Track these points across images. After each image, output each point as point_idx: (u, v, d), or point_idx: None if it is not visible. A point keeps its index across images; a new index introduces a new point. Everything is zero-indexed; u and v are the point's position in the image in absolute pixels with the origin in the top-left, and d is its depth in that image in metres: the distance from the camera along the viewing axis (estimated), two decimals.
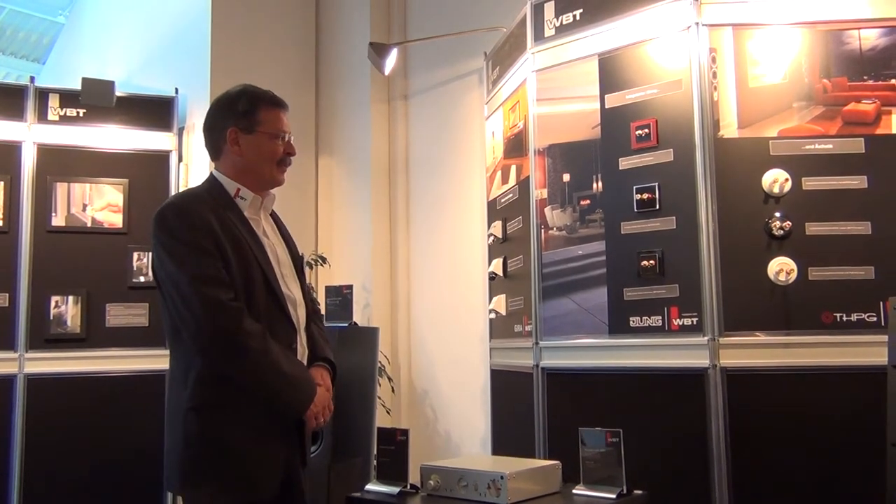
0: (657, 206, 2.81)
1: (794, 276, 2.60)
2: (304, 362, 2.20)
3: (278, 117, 2.20)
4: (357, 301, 4.43)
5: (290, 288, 2.19)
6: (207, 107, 2.31)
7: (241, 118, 2.19)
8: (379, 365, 3.92)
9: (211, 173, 2.24)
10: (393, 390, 4.42)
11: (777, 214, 2.65)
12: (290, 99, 2.28)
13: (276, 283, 2.11)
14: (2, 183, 4.14)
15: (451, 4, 4.49)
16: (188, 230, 2.03)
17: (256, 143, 2.18)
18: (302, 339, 2.20)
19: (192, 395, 2.03)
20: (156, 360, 4.27)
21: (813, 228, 2.65)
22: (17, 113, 4.24)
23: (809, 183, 2.68)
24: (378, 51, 4.24)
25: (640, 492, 2.39)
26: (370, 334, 3.79)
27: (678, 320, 2.73)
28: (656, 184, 2.82)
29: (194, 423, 2.03)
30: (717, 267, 2.66)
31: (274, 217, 2.32)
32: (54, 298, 4.17)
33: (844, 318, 2.60)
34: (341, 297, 3.83)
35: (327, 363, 2.26)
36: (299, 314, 2.20)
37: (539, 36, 3.28)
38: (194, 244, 2.01)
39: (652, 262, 2.80)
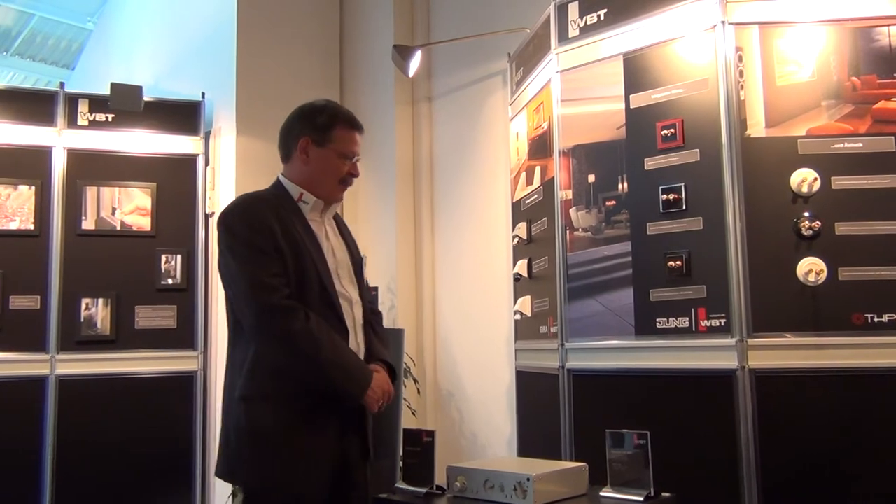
0: (684, 207, 2.79)
1: (823, 276, 2.57)
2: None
3: (352, 138, 2.33)
4: (382, 302, 4.44)
5: (346, 288, 2.28)
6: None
7: (317, 130, 2.30)
8: (404, 366, 3.92)
9: (278, 177, 2.35)
10: (419, 392, 4.41)
11: (806, 214, 2.61)
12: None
13: (330, 282, 2.20)
14: (33, 187, 4.20)
15: (474, 6, 4.49)
16: (248, 230, 2.14)
17: (324, 158, 2.30)
18: (357, 337, 2.28)
19: (243, 384, 2.13)
20: (183, 362, 4.32)
21: (843, 228, 2.61)
22: (47, 118, 4.31)
23: (839, 182, 2.63)
24: (402, 53, 4.24)
25: (668, 494, 2.37)
26: (395, 336, 3.78)
27: (706, 321, 2.70)
28: (683, 184, 2.79)
29: (241, 413, 2.11)
30: (745, 267, 2.63)
31: (337, 220, 2.44)
32: (84, 301, 4.22)
33: (875, 320, 2.55)
34: None
35: (384, 364, 2.32)
36: (355, 313, 2.29)
37: (563, 36, 3.26)
38: (253, 244, 2.12)
39: (679, 262, 2.77)
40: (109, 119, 4.41)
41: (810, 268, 2.57)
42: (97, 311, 4.24)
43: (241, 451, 2.11)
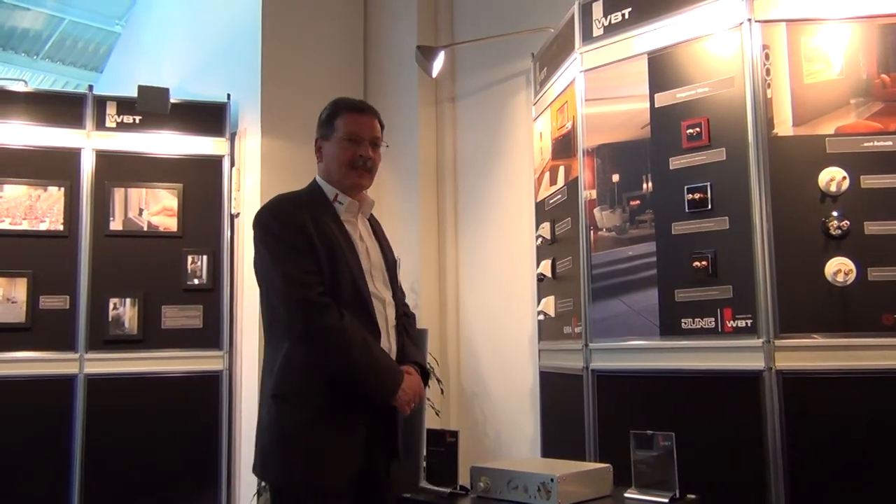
0: (709, 206, 2.76)
1: (852, 276, 2.53)
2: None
3: (356, 121, 2.31)
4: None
5: (379, 288, 2.28)
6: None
7: (323, 127, 2.34)
8: (428, 366, 3.91)
9: (315, 178, 2.37)
10: (442, 392, 4.41)
11: (834, 213, 2.58)
12: (382, 120, 2.37)
13: (363, 282, 2.21)
14: (62, 189, 4.26)
15: (497, 6, 4.47)
16: (282, 228, 2.17)
17: (331, 149, 2.31)
18: (390, 338, 2.29)
19: (275, 382, 2.14)
20: (209, 361, 4.35)
21: (872, 228, 2.57)
22: (76, 121, 4.36)
23: (868, 181, 2.59)
24: (425, 54, 4.24)
25: (693, 496, 2.35)
26: (419, 336, 3.78)
27: (732, 322, 2.67)
28: (708, 183, 2.77)
29: (272, 411, 2.13)
30: (772, 267, 2.60)
31: (372, 222, 2.44)
32: (112, 301, 4.27)
33: None
34: None
35: (416, 367, 2.34)
36: (388, 314, 2.30)
37: (587, 35, 3.24)
38: (288, 242, 2.15)
39: (704, 262, 2.75)
40: (137, 121, 4.46)
41: (839, 268, 2.54)
42: (125, 311, 4.29)
43: (270, 448, 2.13)
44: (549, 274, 3.56)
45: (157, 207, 4.41)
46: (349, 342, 2.10)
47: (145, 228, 4.39)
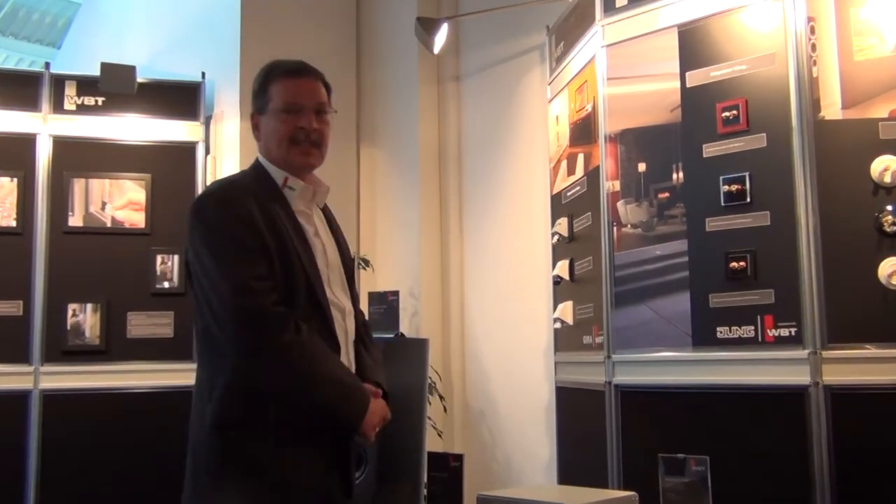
0: (748, 199, 2.78)
1: None
2: None
3: (290, 87, 2.18)
4: (404, 309, 4.45)
5: (338, 295, 2.18)
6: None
7: (257, 98, 2.22)
8: (429, 381, 3.93)
9: (256, 158, 2.24)
10: (445, 410, 4.43)
11: (889, 208, 2.59)
12: (329, 83, 2.29)
13: (321, 289, 2.11)
14: (15, 180, 4.27)
15: None
16: (228, 223, 2.05)
17: (267, 124, 2.19)
18: (349, 353, 2.19)
19: (217, 410, 2.04)
20: (182, 376, 4.35)
21: None
22: (31, 103, 4.37)
23: None
24: (426, 26, 4.26)
25: None
26: (419, 347, 3.80)
27: (773, 331, 2.69)
28: (747, 173, 2.78)
29: (217, 445, 2.03)
30: (819, 269, 2.61)
31: (326, 212, 2.31)
32: (72, 306, 4.28)
33: None
34: (386, 304, 3.86)
35: (377, 386, 2.22)
36: (348, 325, 2.20)
37: (609, 6, 3.26)
38: (236, 239, 2.03)
39: (742, 263, 2.76)
40: (99, 103, 4.48)
41: (894, 269, 2.55)
42: (85, 319, 4.31)
43: (216, 485, 2.03)
44: (566, 276, 3.58)
45: (122, 201, 4.44)
46: (311, 360, 2.01)
47: (109, 224, 4.41)
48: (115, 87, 4.42)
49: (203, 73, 4.68)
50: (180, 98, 4.61)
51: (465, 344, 4.63)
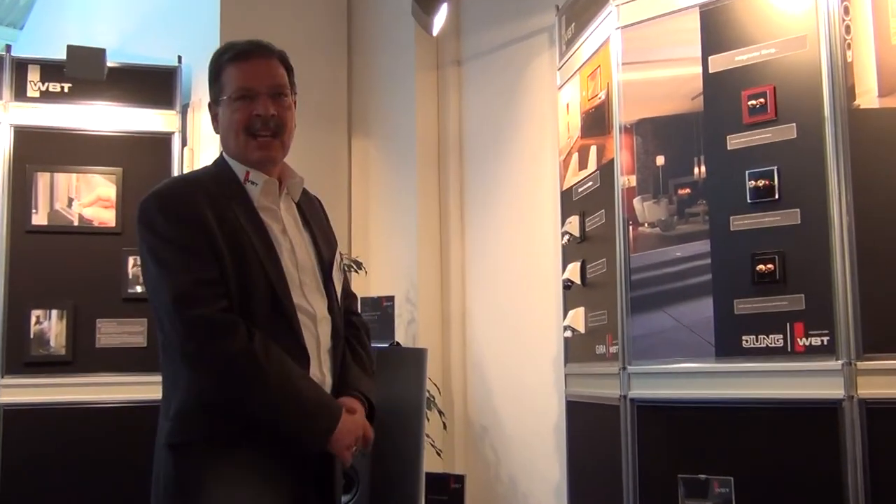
0: (776, 196, 2.78)
1: None
2: None
3: (242, 71, 2.16)
4: (400, 316, 4.46)
5: (310, 299, 2.14)
6: None
7: (211, 88, 2.22)
8: (427, 395, 3.94)
9: (221, 153, 2.24)
10: (445, 426, 4.43)
11: None
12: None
13: (285, 292, 2.07)
14: None
15: None
16: (170, 225, 2.04)
17: (223, 114, 2.18)
18: (323, 365, 2.14)
19: (170, 427, 2.05)
20: (155, 389, 4.22)
21: None
22: None
23: None
24: (424, 6, 4.26)
25: None
26: (416, 357, 3.81)
27: (804, 340, 2.69)
28: (775, 167, 2.79)
29: (170, 465, 2.02)
30: (854, 272, 2.61)
31: (306, 206, 2.28)
32: (35, 313, 4.28)
33: None
34: (380, 310, 3.86)
35: (362, 398, 2.18)
36: (320, 333, 2.15)
37: None
38: (180, 243, 2.02)
39: (770, 265, 2.77)
40: (65, 90, 4.48)
41: None
42: (50, 326, 4.31)
43: None
44: (577, 280, 3.58)
45: (90, 197, 4.44)
46: (262, 371, 1.97)
47: (76, 223, 4.41)
48: (82, 73, 4.42)
49: (179, 58, 4.68)
50: (154, 84, 4.61)
51: (466, 354, 4.63)
